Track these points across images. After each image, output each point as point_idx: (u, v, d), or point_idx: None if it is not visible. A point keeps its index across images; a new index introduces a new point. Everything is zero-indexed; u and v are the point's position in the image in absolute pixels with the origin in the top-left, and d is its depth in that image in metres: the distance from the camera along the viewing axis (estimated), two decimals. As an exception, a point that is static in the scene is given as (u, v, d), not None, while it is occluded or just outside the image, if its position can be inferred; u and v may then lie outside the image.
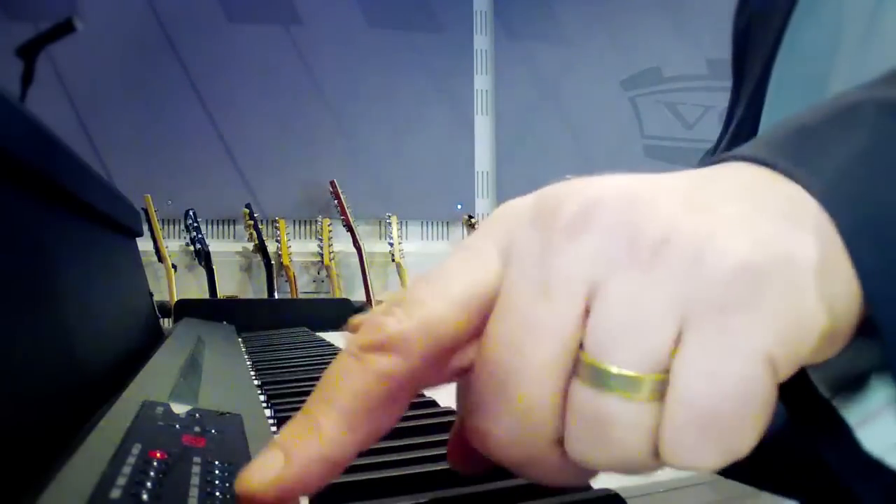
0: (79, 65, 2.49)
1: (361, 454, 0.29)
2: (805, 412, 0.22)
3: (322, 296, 2.63)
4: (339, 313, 1.14)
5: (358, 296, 2.52)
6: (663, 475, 0.30)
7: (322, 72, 2.75)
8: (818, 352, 0.18)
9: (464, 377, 0.20)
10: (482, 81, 2.96)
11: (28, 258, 0.31)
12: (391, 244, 2.64)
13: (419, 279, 0.20)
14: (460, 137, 2.89)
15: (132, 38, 2.60)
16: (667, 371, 0.17)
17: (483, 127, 2.95)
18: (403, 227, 2.79)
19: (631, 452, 0.18)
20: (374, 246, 2.73)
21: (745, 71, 0.53)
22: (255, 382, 0.53)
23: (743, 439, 0.17)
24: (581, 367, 0.18)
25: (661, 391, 0.17)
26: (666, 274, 0.17)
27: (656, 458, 0.18)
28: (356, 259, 2.56)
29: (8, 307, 0.27)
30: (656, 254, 0.17)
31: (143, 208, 2.37)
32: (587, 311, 0.18)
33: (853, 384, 0.21)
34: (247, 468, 0.19)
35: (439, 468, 0.28)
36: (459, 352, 0.20)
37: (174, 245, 2.58)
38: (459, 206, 2.87)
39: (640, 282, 0.17)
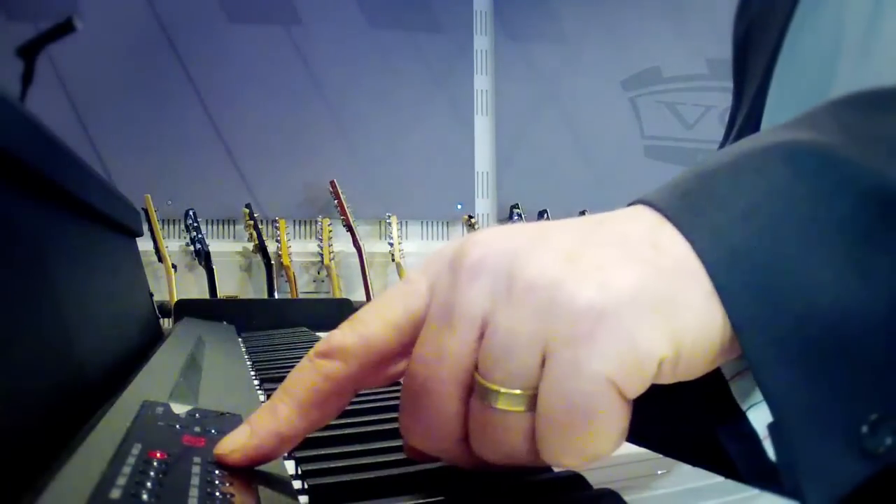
0: (79, 65, 2.48)
1: (361, 454, 0.29)
2: (710, 393, 0.27)
3: (322, 296, 2.63)
4: (339, 313, 1.14)
5: (358, 296, 2.52)
6: (664, 474, 0.30)
7: (322, 72, 2.75)
8: (670, 371, 0.21)
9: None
10: (482, 81, 2.96)
11: (28, 258, 0.31)
12: (391, 244, 2.64)
13: (368, 304, 0.26)
14: (460, 137, 2.89)
15: (132, 38, 2.60)
16: (537, 386, 0.21)
17: (483, 127, 2.95)
18: (403, 227, 2.80)
19: (516, 451, 0.23)
20: (374, 246, 2.73)
21: (746, 76, 0.54)
22: (255, 382, 0.53)
23: (597, 443, 0.21)
24: (475, 385, 0.23)
25: (532, 404, 0.22)
26: (531, 312, 0.21)
27: (538, 456, 0.22)
28: (356, 259, 2.56)
29: (8, 307, 0.27)
30: (525, 295, 0.22)
31: (143, 208, 2.37)
32: (482, 338, 0.23)
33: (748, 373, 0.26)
34: (224, 437, 0.26)
35: (439, 468, 0.28)
36: (394, 362, 0.25)
37: (174, 245, 2.58)
38: (459, 206, 2.87)
39: (513, 317, 0.22)
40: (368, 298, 2.46)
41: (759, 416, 0.29)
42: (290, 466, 0.30)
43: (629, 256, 0.22)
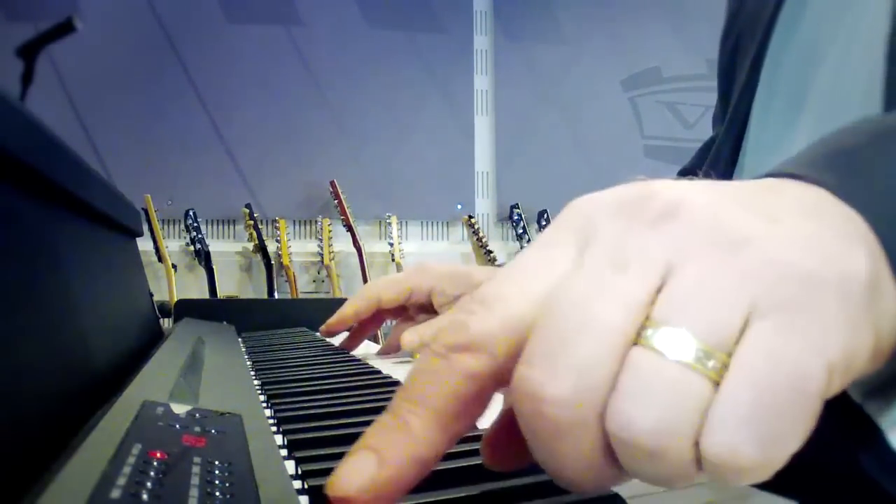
0: (79, 65, 2.48)
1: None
2: (837, 417, 0.22)
3: (322, 296, 2.63)
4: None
5: (358, 296, 2.52)
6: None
7: (322, 72, 2.75)
8: (867, 368, 0.18)
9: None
10: (482, 82, 2.96)
11: (28, 258, 0.31)
12: (391, 244, 2.64)
13: (499, 275, 0.20)
14: (460, 137, 2.89)
15: (132, 38, 2.59)
16: (730, 352, 0.17)
17: (483, 127, 2.95)
18: (403, 227, 2.79)
19: (677, 421, 0.17)
20: (374, 246, 2.73)
21: (734, 90, 0.54)
22: (255, 382, 0.53)
23: (787, 432, 0.17)
24: (646, 333, 0.18)
25: (720, 370, 0.17)
26: (743, 265, 0.18)
27: (694, 447, 0.17)
28: (356, 259, 2.56)
29: (8, 307, 0.27)
30: (737, 248, 0.18)
31: (143, 208, 2.37)
32: (660, 290, 0.18)
33: (882, 390, 0.22)
34: (337, 472, 0.19)
35: (439, 468, 0.28)
36: None
37: (174, 245, 2.58)
38: (459, 206, 2.87)
39: (717, 267, 0.18)
40: (368, 298, 2.46)
41: None
42: (290, 466, 0.30)
43: (829, 225, 0.19)
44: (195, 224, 2.49)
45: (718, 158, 0.54)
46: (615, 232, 0.19)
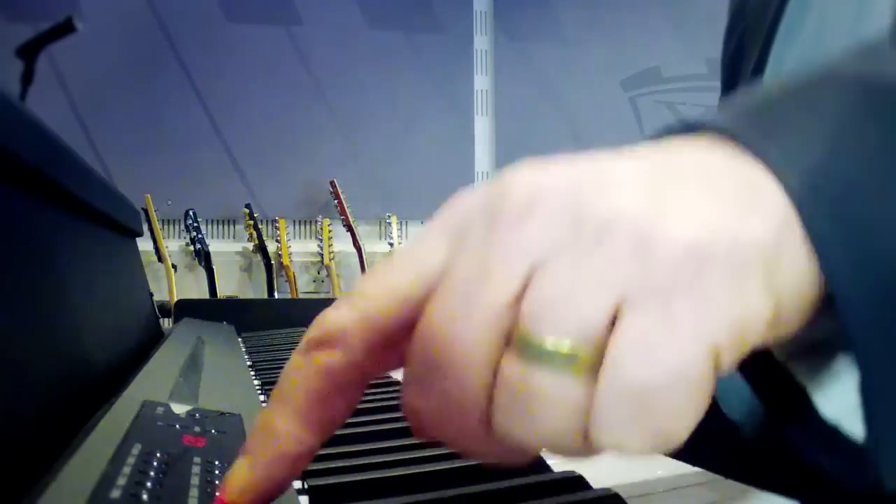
0: (79, 65, 2.48)
1: (361, 454, 0.29)
2: (762, 378, 0.22)
3: (322, 296, 2.63)
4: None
5: (358, 296, 2.52)
6: (663, 474, 0.30)
7: (322, 72, 2.75)
8: (765, 337, 0.18)
9: None
10: (482, 82, 2.96)
11: (28, 258, 0.31)
12: (391, 244, 2.64)
13: (369, 272, 0.20)
14: (460, 137, 2.89)
15: (132, 38, 2.59)
16: (602, 347, 0.17)
17: (483, 127, 2.95)
18: (403, 227, 2.79)
19: (559, 429, 0.17)
20: (374, 246, 2.73)
21: (738, 89, 0.54)
22: (255, 382, 0.53)
23: (674, 424, 0.16)
24: (514, 340, 0.17)
25: (593, 368, 0.17)
26: (608, 254, 0.17)
27: (585, 440, 0.17)
28: (356, 259, 2.56)
29: (8, 307, 0.27)
30: (600, 236, 0.17)
31: (143, 208, 2.36)
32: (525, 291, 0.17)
33: (809, 350, 0.21)
34: (224, 478, 0.20)
35: (439, 468, 0.28)
36: (406, 340, 0.19)
37: (174, 245, 2.58)
38: (459, 207, 2.86)
39: (580, 261, 0.17)
40: (368, 298, 2.46)
41: (830, 402, 0.24)
42: (290, 466, 0.30)
43: (721, 192, 0.18)
44: (195, 224, 2.49)
45: None
46: (478, 232, 0.19)
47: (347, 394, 0.20)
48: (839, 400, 0.21)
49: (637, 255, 0.17)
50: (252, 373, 0.59)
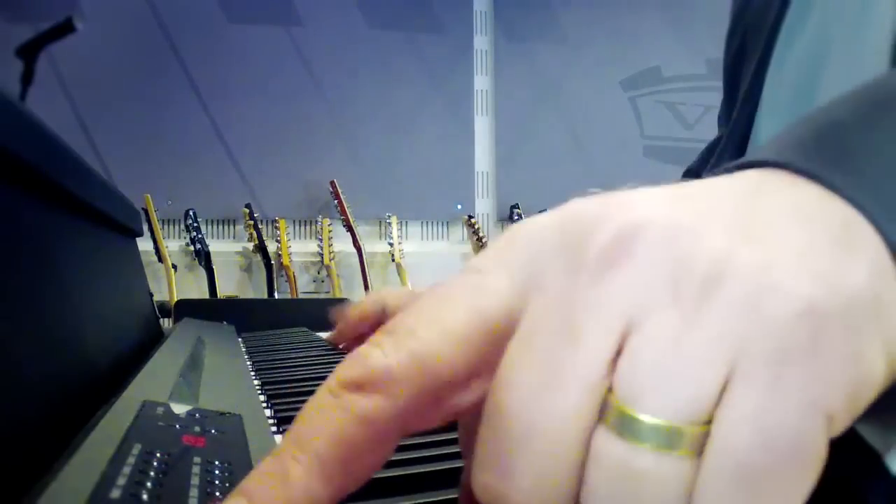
0: (79, 65, 2.48)
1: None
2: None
3: (322, 296, 2.63)
4: (339, 313, 1.14)
5: (358, 296, 2.52)
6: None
7: (322, 72, 2.75)
8: (884, 386, 0.16)
9: (466, 419, 0.18)
10: (482, 82, 2.96)
11: (28, 258, 0.31)
12: (391, 244, 2.64)
13: (416, 304, 0.17)
14: (460, 138, 2.89)
15: (132, 38, 2.60)
16: (708, 423, 0.15)
17: (483, 127, 2.95)
18: (403, 227, 2.80)
19: None
20: (374, 246, 2.73)
21: (740, 89, 0.54)
22: (255, 382, 0.53)
23: (785, 500, 0.14)
24: (609, 414, 0.15)
25: (698, 446, 0.15)
26: (716, 315, 0.15)
27: None
28: (356, 259, 2.56)
29: (8, 307, 0.27)
30: (706, 292, 0.15)
31: (143, 208, 2.37)
32: (619, 355, 0.15)
33: (879, 412, 0.20)
34: None
35: (439, 468, 0.28)
36: (459, 391, 0.17)
37: (174, 245, 2.58)
38: (459, 207, 2.87)
39: (685, 322, 0.15)
40: (368, 298, 2.46)
41: None
42: (290, 466, 0.30)
43: (822, 238, 0.15)
44: (195, 224, 2.49)
45: (722, 160, 0.54)
46: (558, 280, 0.16)
47: (380, 449, 0.17)
48: None
49: (748, 316, 0.15)
50: (252, 373, 0.59)
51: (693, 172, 0.69)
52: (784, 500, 0.14)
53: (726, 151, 0.54)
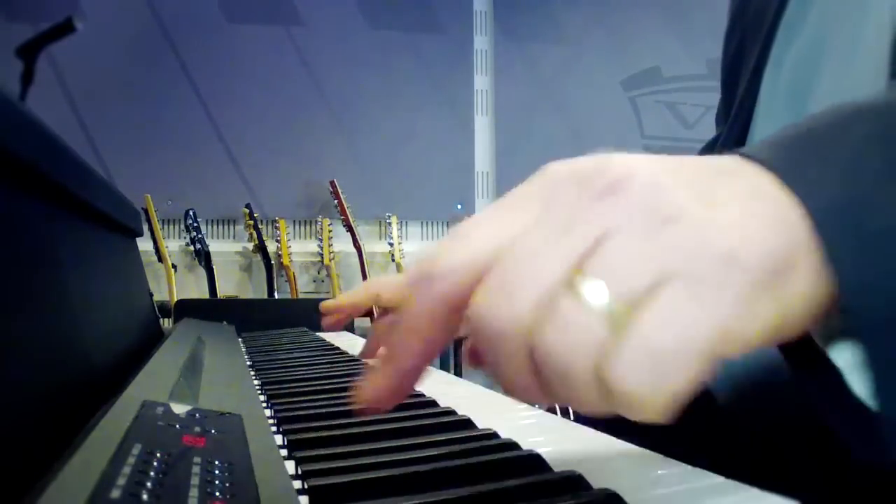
0: (79, 65, 2.49)
1: (361, 454, 0.29)
2: (799, 360, 0.26)
3: (322, 296, 2.63)
4: (339, 313, 1.14)
5: (358, 296, 2.52)
6: (663, 473, 0.30)
7: (322, 72, 2.75)
8: (770, 338, 0.22)
9: None
10: (482, 82, 2.96)
11: (28, 258, 0.31)
12: (391, 244, 2.64)
13: (475, 216, 0.25)
14: (460, 137, 2.89)
15: (132, 38, 2.60)
16: (635, 310, 0.21)
17: (483, 127, 2.95)
18: (403, 227, 2.80)
19: (580, 350, 0.21)
20: (374, 246, 2.73)
21: (738, 88, 0.54)
22: (255, 382, 0.53)
23: (673, 385, 0.20)
24: (573, 282, 0.21)
25: (622, 324, 0.21)
26: (665, 239, 0.21)
27: (596, 378, 0.21)
28: (356, 259, 2.56)
29: (8, 307, 0.27)
30: (665, 224, 0.21)
31: (143, 208, 2.37)
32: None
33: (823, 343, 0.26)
34: (364, 386, 0.26)
35: (438, 468, 0.28)
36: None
37: (174, 245, 2.58)
38: (459, 207, 2.87)
39: (642, 237, 0.21)
40: (368, 298, 2.46)
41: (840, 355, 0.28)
42: (290, 466, 0.30)
43: (759, 213, 0.22)
44: (195, 224, 2.49)
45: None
46: (568, 199, 0.23)
47: (453, 320, 0.24)
48: (842, 355, 0.25)
49: (684, 248, 0.21)
50: (252, 373, 0.59)
51: None
52: (672, 383, 0.20)
53: (724, 150, 0.54)
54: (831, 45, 0.44)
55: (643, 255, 0.21)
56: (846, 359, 0.24)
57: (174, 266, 2.42)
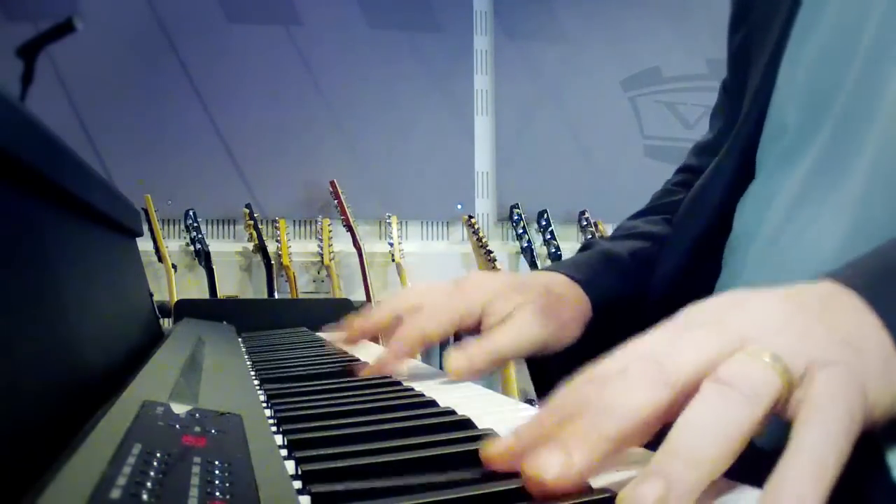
0: (79, 65, 2.48)
1: (362, 454, 0.29)
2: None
3: (322, 296, 2.63)
4: (338, 313, 1.14)
5: (358, 296, 2.52)
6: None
7: (322, 72, 2.75)
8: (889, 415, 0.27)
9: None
10: (482, 81, 2.96)
11: (28, 258, 0.31)
12: (391, 244, 2.64)
13: (684, 333, 0.29)
14: (460, 137, 2.89)
15: (132, 38, 2.60)
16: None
17: (483, 127, 2.95)
18: (403, 227, 2.79)
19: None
20: (374, 246, 2.73)
21: (748, 77, 0.54)
22: (255, 382, 0.53)
23: (833, 435, 0.24)
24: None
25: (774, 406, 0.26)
26: (814, 342, 0.27)
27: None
28: (356, 259, 2.56)
29: (8, 307, 0.27)
30: (824, 344, 0.27)
31: (143, 208, 2.37)
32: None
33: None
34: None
35: (439, 467, 0.28)
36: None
37: (174, 245, 2.58)
38: (459, 206, 2.87)
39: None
40: (368, 298, 2.46)
41: None
42: (290, 466, 0.30)
43: (872, 365, 0.27)
44: (195, 224, 2.49)
45: (727, 160, 0.54)
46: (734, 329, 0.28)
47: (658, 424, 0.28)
48: None
49: (836, 348, 0.27)
50: (252, 373, 0.59)
51: (685, 170, 0.69)
52: (832, 429, 0.24)
53: (735, 147, 0.53)
54: (850, 45, 0.43)
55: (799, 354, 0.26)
56: None
57: (174, 266, 2.42)
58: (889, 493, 0.30)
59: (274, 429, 0.37)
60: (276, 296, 2.49)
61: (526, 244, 2.67)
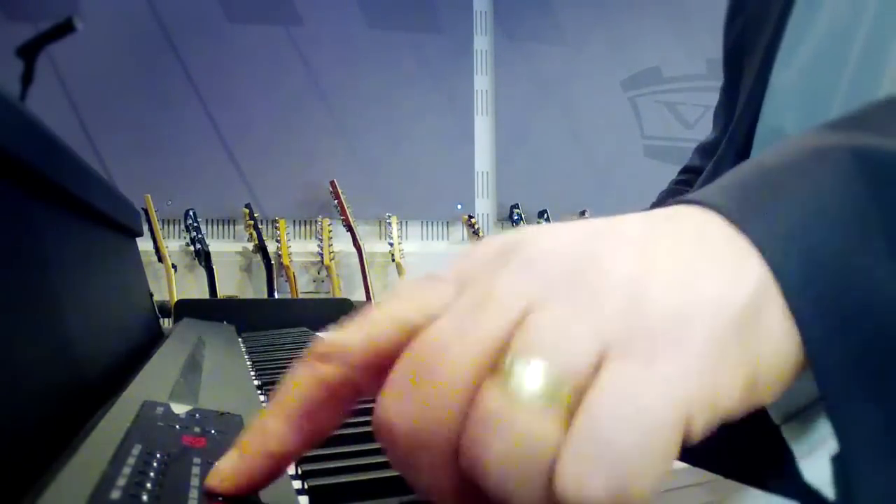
0: (79, 65, 2.48)
1: (361, 454, 0.29)
2: (756, 437, 0.23)
3: (322, 296, 2.63)
4: (339, 313, 1.14)
5: (358, 296, 2.52)
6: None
7: (322, 72, 2.75)
8: (741, 405, 0.18)
9: None
10: (482, 82, 2.96)
11: (28, 258, 0.31)
12: (391, 244, 2.64)
13: (379, 304, 0.22)
14: (460, 137, 2.89)
15: (132, 38, 2.60)
16: (582, 393, 0.17)
17: (483, 127, 2.95)
18: (403, 227, 2.79)
19: (525, 464, 0.17)
20: (374, 246, 2.73)
21: (742, 74, 0.54)
22: (255, 382, 0.53)
23: (635, 479, 0.16)
24: (499, 371, 0.18)
25: (570, 411, 0.17)
26: (599, 306, 0.18)
27: (546, 487, 0.17)
28: (356, 259, 2.56)
29: (8, 307, 0.27)
30: (594, 289, 0.18)
31: (143, 208, 2.36)
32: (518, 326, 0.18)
33: (802, 415, 0.23)
34: (215, 465, 0.22)
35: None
36: None
37: (174, 245, 2.58)
38: (459, 206, 2.87)
39: (573, 308, 0.18)
40: (368, 298, 2.46)
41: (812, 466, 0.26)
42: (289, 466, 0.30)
43: (708, 260, 0.19)
44: (195, 224, 2.49)
45: (725, 160, 0.54)
46: (484, 276, 0.20)
47: (338, 407, 0.21)
48: (820, 471, 0.24)
49: (626, 310, 0.18)
50: (252, 373, 0.59)
51: (689, 171, 0.69)
52: (630, 476, 0.16)
53: (730, 149, 0.53)
54: (846, 43, 0.44)
55: (577, 323, 0.18)
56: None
57: (174, 266, 2.42)
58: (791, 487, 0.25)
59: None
60: (276, 296, 2.49)
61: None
